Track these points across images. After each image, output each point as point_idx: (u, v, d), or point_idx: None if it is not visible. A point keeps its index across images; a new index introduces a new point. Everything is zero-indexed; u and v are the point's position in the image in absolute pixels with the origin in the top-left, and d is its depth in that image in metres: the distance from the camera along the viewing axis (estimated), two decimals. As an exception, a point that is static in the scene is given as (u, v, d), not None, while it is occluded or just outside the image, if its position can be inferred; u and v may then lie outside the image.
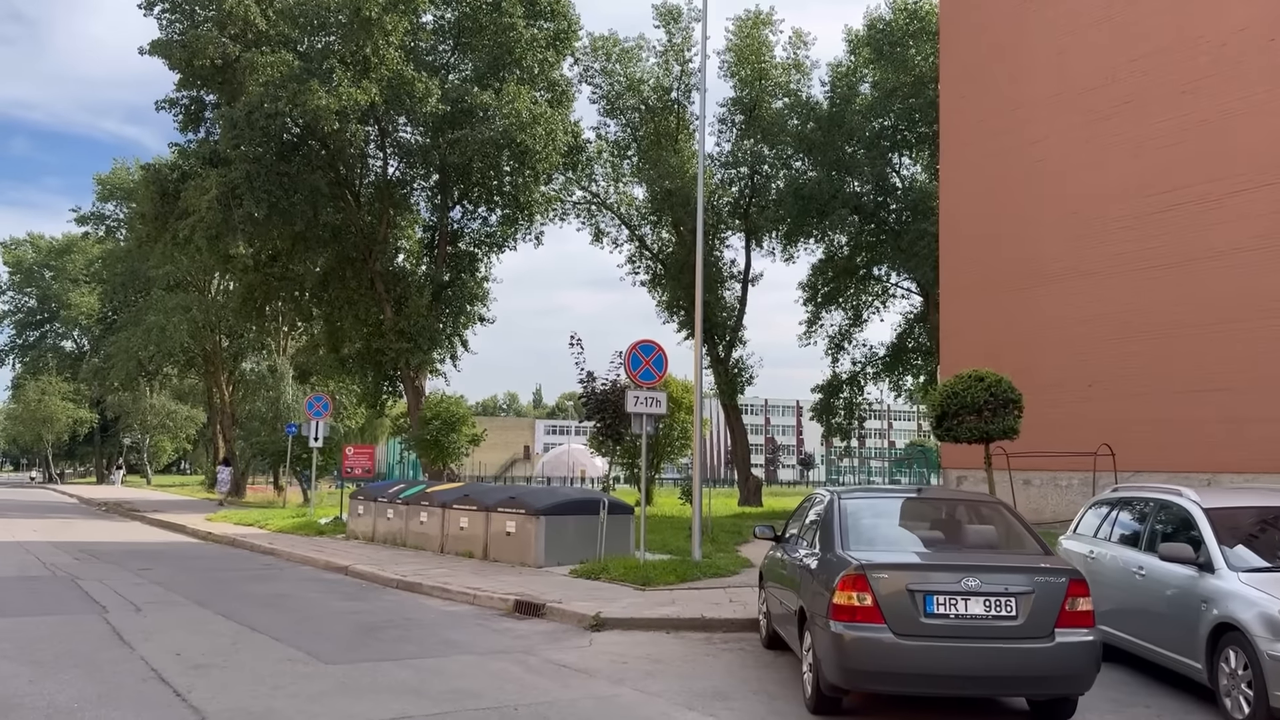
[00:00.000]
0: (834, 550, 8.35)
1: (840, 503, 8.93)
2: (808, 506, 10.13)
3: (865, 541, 8.46)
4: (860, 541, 8.42)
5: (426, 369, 36.41)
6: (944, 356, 28.16)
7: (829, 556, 8.34)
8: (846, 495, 9.17)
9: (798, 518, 10.50)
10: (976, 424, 15.54)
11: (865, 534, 8.62)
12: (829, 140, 37.84)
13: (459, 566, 17.20)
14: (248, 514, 29.29)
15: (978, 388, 15.69)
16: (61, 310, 61.75)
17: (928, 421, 45.83)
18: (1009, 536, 8.67)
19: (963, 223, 27.63)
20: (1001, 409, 15.46)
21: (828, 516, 8.85)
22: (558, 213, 40.00)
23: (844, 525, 8.58)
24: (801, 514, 10.28)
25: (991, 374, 16.02)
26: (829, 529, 8.67)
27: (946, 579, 7.70)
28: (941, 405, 16.16)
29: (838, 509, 8.82)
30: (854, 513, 8.84)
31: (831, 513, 8.82)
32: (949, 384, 16.33)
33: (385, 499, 21.48)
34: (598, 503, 16.56)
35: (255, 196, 30.91)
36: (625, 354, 15.44)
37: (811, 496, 10.41)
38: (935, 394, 16.59)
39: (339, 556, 18.84)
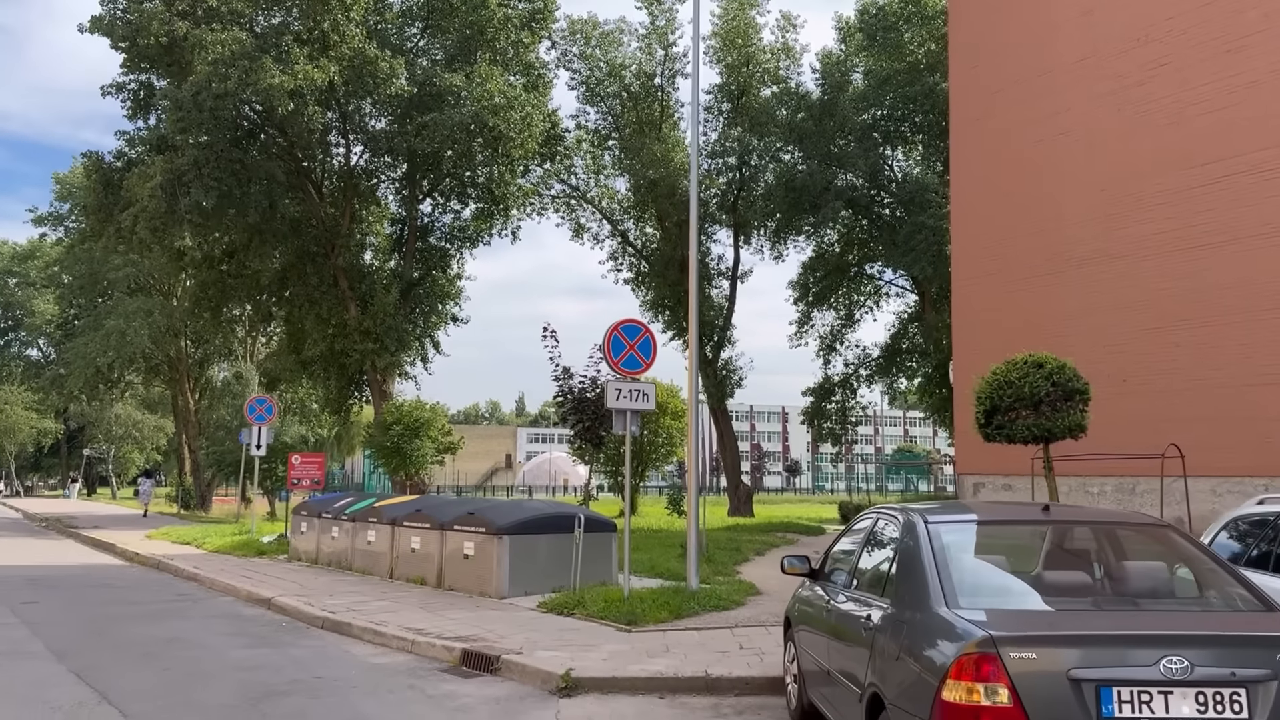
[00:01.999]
0: (932, 607, 5.08)
1: (931, 530, 5.64)
2: (866, 533, 6.84)
3: (980, 592, 5.20)
4: (972, 592, 5.16)
5: (394, 371, 33.03)
6: (957, 351, 24.97)
7: (925, 617, 5.08)
8: (936, 518, 5.87)
9: (848, 547, 7.25)
10: (1034, 420, 12.32)
11: (977, 580, 5.37)
12: (820, 130, 34.75)
13: (405, 597, 13.85)
14: (191, 531, 25.83)
15: (1036, 375, 12.45)
16: (25, 317, 58.00)
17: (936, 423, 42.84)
18: (1200, 579, 5.44)
19: (976, 205, 24.47)
20: (1064, 401, 12.26)
21: (913, 551, 5.57)
22: (535, 207, 36.80)
23: (943, 566, 5.31)
24: (856, 542, 7.00)
25: (1052, 358, 12.79)
26: (918, 571, 5.40)
27: (1134, 659, 4.48)
28: (991, 398, 12.92)
29: (928, 540, 5.54)
30: (955, 547, 5.56)
31: (919, 546, 5.54)
32: (1000, 371, 13.09)
33: (330, 515, 18.11)
34: (572, 519, 13.25)
35: (204, 185, 27.53)
36: (605, 336, 12.16)
37: (866, 519, 7.13)
38: (982, 384, 13.34)
39: (267, 584, 15.45)
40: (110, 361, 43.25)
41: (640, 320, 12.71)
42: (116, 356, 43.07)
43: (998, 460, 23.36)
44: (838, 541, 7.58)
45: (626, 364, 12.27)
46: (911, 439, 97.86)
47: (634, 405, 12.16)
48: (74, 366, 44.12)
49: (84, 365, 43.43)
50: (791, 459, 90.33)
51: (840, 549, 7.43)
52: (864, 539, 6.71)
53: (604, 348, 12.17)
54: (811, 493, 78.59)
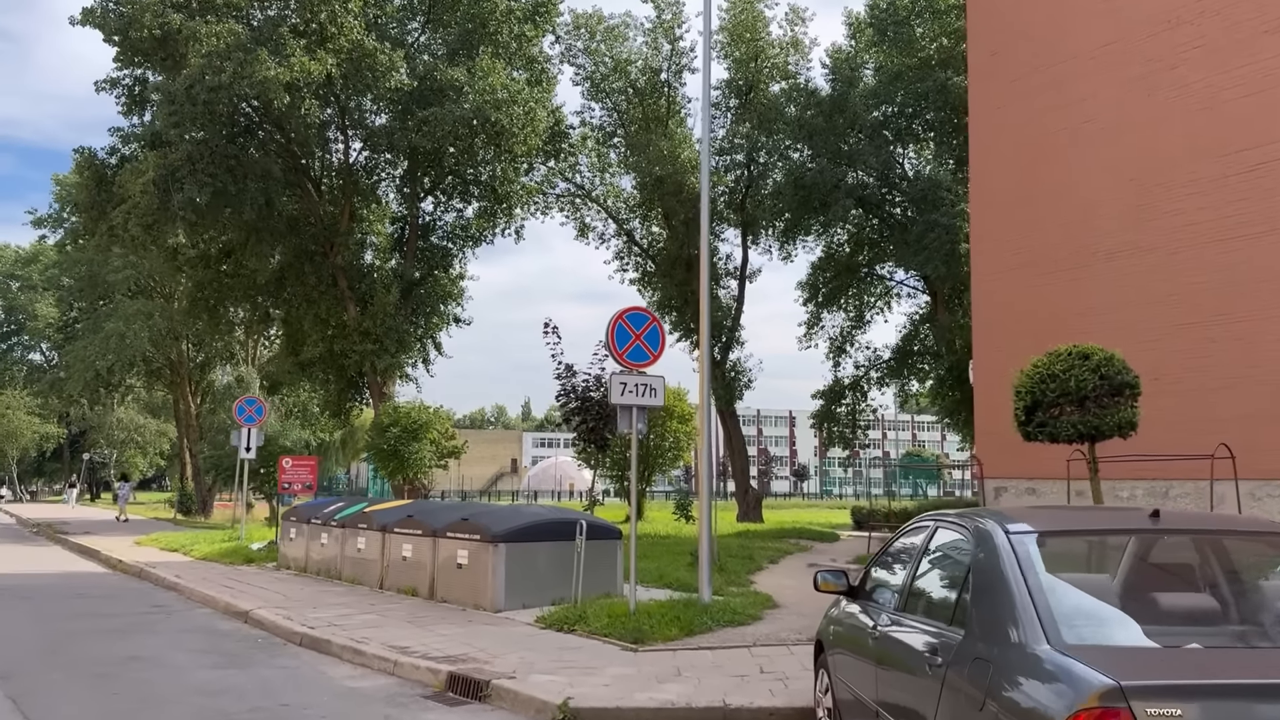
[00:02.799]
0: (1028, 643, 3.88)
1: (1015, 543, 4.42)
2: (921, 545, 5.59)
3: (1087, 623, 4.01)
4: (1077, 623, 3.96)
5: (395, 373, 31.86)
6: (977, 350, 23.75)
7: (1019, 656, 3.88)
8: (1017, 527, 4.64)
9: (896, 561, 6.06)
10: (1080, 417, 11.09)
11: (1081, 608, 4.16)
12: (830, 126, 33.57)
13: (393, 610, 12.67)
14: (181, 537, 24.67)
15: (1082, 368, 11.22)
16: (28, 321, 56.97)
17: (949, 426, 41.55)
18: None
19: (997, 198, 23.27)
20: (1111, 396, 11.05)
21: (993, 569, 4.36)
22: (539, 206, 35.60)
23: (1036, 589, 4.10)
24: (908, 557, 5.77)
25: (1098, 349, 11.56)
26: (1003, 595, 4.19)
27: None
28: (1032, 392, 11.69)
29: (1013, 555, 4.32)
30: (1047, 563, 4.34)
31: (1001, 563, 4.33)
32: (1042, 364, 11.86)
33: (319, 520, 16.95)
34: (573, 525, 12.06)
35: (198, 181, 26.42)
36: (609, 326, 10.97)
37: (918, 528, 5.89)
38: (1022, 378, 12.12)
39: (248, 595, 14.28)
40: (110, 365, 42.17)
41: (647, 308, 11.53)
42: (116, 360, 41.99)
43: (1022, 463, 22.12)
44: (882, 555, 6.37)
45: (632, 356, 11.09)
46: (919, 443, 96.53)
47: (641, 401, 10.98)
48: (73, 370, 43.06)
49: (83, 368, 42.37)
50: (799, 464, 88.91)
51: (886, 563, 6.23)
52: (919, 552, 5.50)
53: (608, 338, 11.00)
54: (819, 498, 77.26)
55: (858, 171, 34.25)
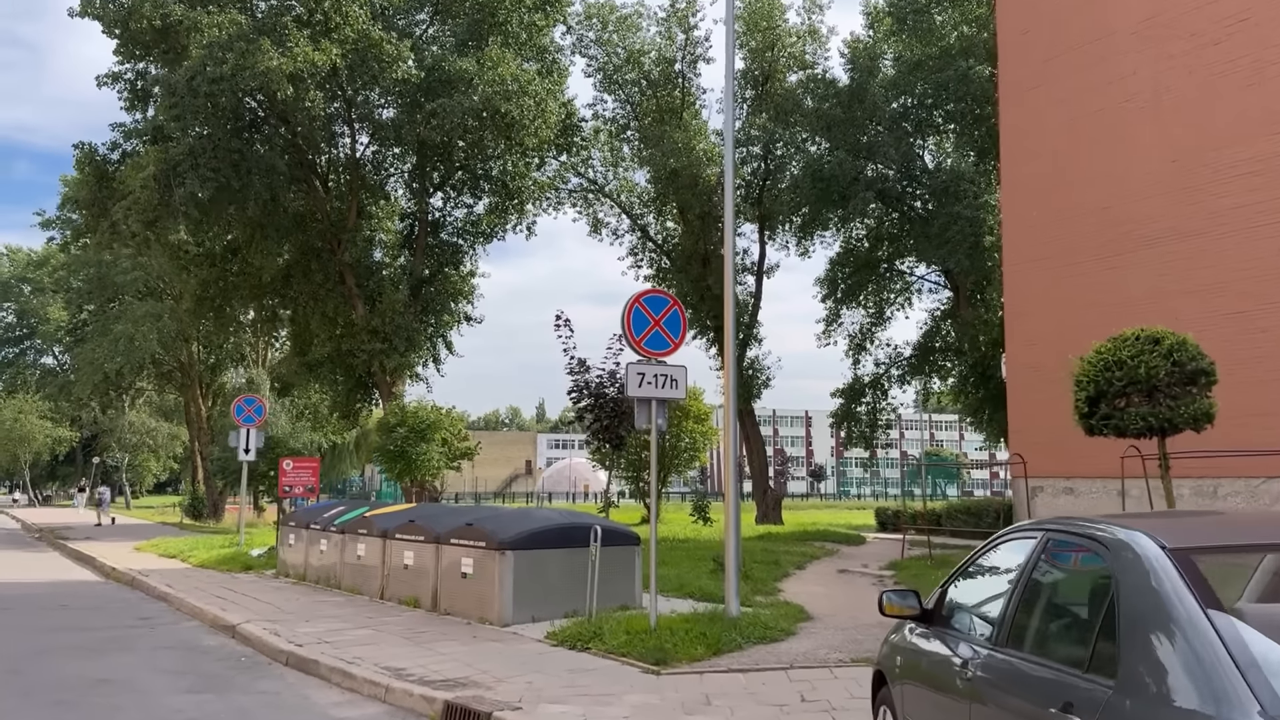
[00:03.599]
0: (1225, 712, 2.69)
1: (1184, 566, 3.21)
2: (1027, 564, 4.33)
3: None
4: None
5: (404, 373, 30.76)
6: (1009, 342, 22.51)
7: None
8: (1180, 541, 3.42)
9: (987, 581, 4.86)
10: (1150, 409, 9.87)
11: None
12: (849, 117, 32.34)
13: (392, 623, 11.54)
14: (181, 542, 23.61)
15: (1152, 354, 9.98)
16: (40, 325, 56.18)
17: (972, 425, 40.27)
18: None
19: (1029, 184, 22.04)
20: (1185, 385, 9.83)
21: (1157, 602, 3.15)
22: (551, 201, 34.50)
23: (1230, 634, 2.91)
24: (1007, 577, 4.55)
25: (1169, 333, 10.31)
26: (1175, 636, 2.99)
27: None
28: (1095, 381, 10.47)
29: (1183, 584, 3.12)
30: (1235, 596, 3.16)
31: (1167, 594, 3.12)
32: (1107, 350, 10.62)
33: (319, 525, 15.84)
34: (587, 530, 10.90)
35: (200, 176, 25.39)
36: (625, 310, 9.81)
37: (1018, 541, 4.65)
38: (1084, 365, 10.89)
39: (239, 607, 13.17)
40: (118, 367, 41.28)
41: (667, 291, 10.36)
42: (125, 362, 41.10)
43: (1058, 461, 20.85)
44: (963, 573, 5.17)
45: (651, 343, 9.94)
46: (938, 443, 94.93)
47: (661, 393, 9.82)
48: (81, 372, 42.19)
49: (91, 371, 41.51)
50: (816, 464, 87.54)
51: (971, 583, 5.04)
52: (1025, 572, 4.28)
53: (624, 324, 9.83)
54: (837, 498, 75.88)
55: (877, 164, 33.03)
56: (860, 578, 15.35)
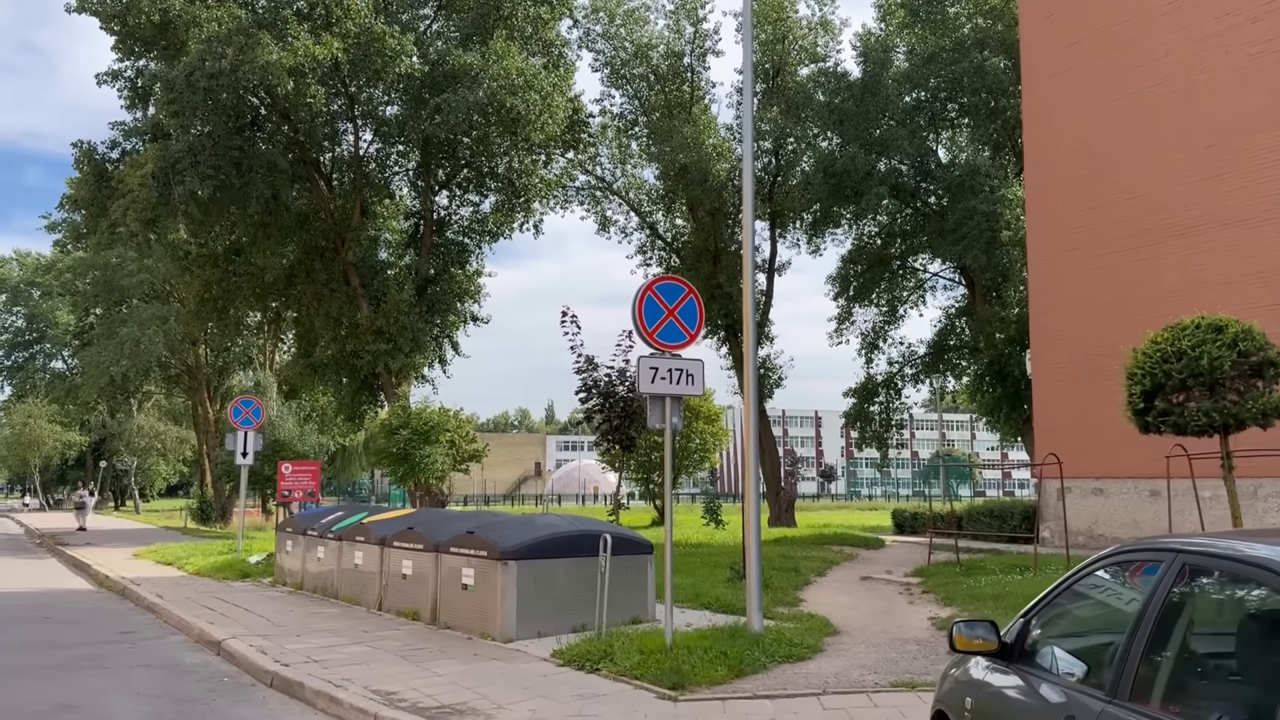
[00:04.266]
0: None
1: None
2: (1159, 595, 3.34)
3: None
4: None
5: (410, 374, 29.89)
6: (1035, 338, 21.54)
7: None
8: None
9: (1088, 613, 3.92)
10: (1213, 404, 8.89)
11: None
12: (862, 110, 31.34)
13: (388, 638, 10.62)
14: (180, 549, 22.71)
15: (1215, 344, 9.00)
16: (49, 330, 55.48)
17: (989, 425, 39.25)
18: None
19: (1054, 174, 21.07)
20: (1250, 378, 8.86)
21: None
22: (559, 200, 33.61)
23: None
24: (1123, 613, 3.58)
25: (1233, 320, 9.35)
26: None
27: None
28: (1151, 374, 9.51)
29: None
30: None
31: None
32: (1164, 339, 9.64)
33: (315, 532, 14.95)
34: (595, 539, 9.97)
35: (199, 173, 24.59)
36: (636, 300, 8.88)
37: (1138, 564, 3.70)
38: (1138, 356, 9.93)
39: (228, 620, 12.28)
40: (124, 370, 40.53)
41: (681, 279, 9.42)
42: (130, 365, 40.35)
43: (1087, 461, 19.84)
44: (1054, 602, 4.20)
45: (665, 335, 9.00)
46: (949, 443, 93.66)
47: (676, 389, 8.89)
48: (87, 375, 41.43)
49: (97, 374, 40.77)
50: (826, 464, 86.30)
51: (1065, 615, 4.09)
52: (1150, 606, 3.31)
53: (634, 314, 8.89)
54: (848, 499, 74.78)
55: (891, 158, 32.05)
56: (885, 585, 14.39)
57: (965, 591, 12.54)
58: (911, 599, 12.99)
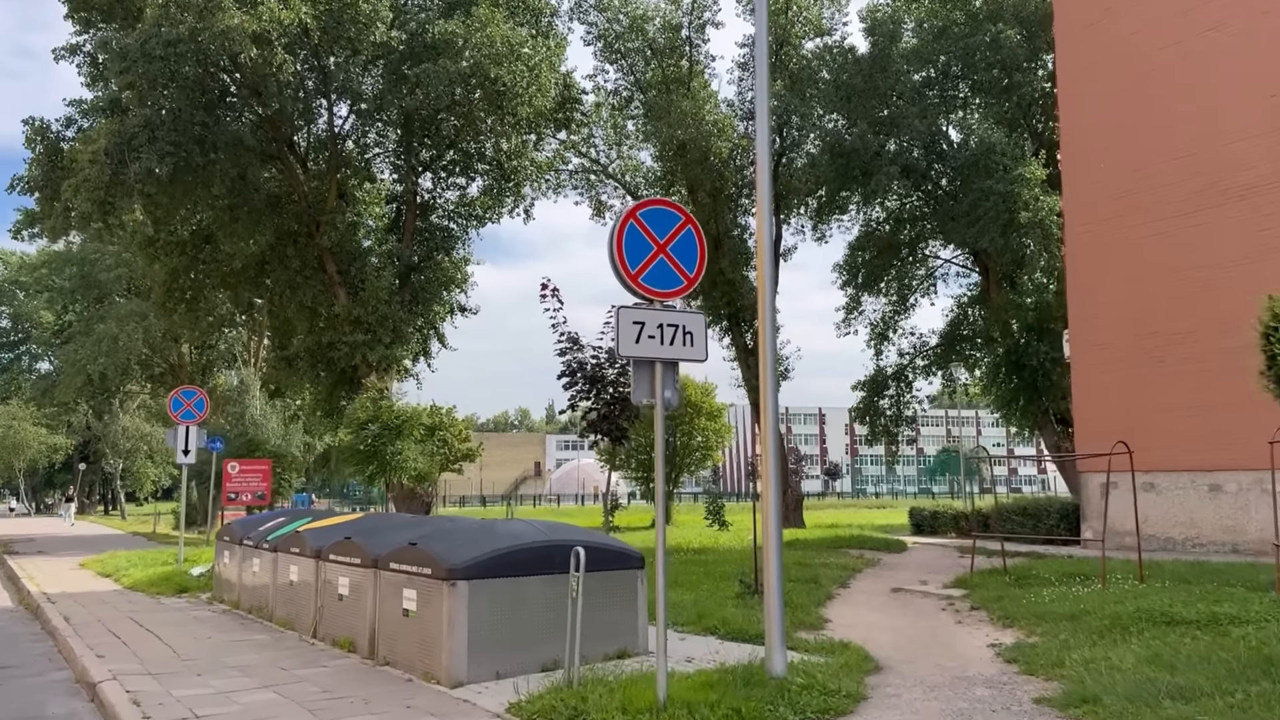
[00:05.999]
0: None
1: None
2: None
3: None
4: None
5: (393, 367, 27.46)
6: (1073, 318, 19.06)
7: None
8: None
9: None
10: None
11: None
12: (870, 87, 28.93)
13: (305, 683, 8.18)
14: (124, 558, 20.21)
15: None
16: (34, 330, 53.05)
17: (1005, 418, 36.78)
18: None
19: (1092, 133, 18.61)
20: None
21: None
22: (551, 184, 31.20)
23: None
24: None
25: None
26: None
27: None
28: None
29: None
30: None
31: None
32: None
33: (251, 541, 12.52)
34: (567, 552, 7.49)
35: (157, 150, 22.19)
36: (614, 232, 6.39)
37: None
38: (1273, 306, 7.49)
39: (125, 651, 9.84)
40: (102, 369, 38.14)
41: (676, 203, 6.94)
42: (108, 363, 37.97)
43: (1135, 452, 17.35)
44: None
45: (654, 279, 6.57)
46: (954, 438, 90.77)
47: (668, 351, 6.46)
48: (64, 375, 39.06)
49: (73, 373, 38.38)
50: (831, 462, 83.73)
51: None
52: None
53: (612, 252, 6.43)
54: (854, 497, 72.29)
55: (901, 138, 29.62)
56: (923, 600, 11.94)
57: (1026, 609, 10.10)
58: (959, 618, 10.54)
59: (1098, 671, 7.20)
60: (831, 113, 30.05)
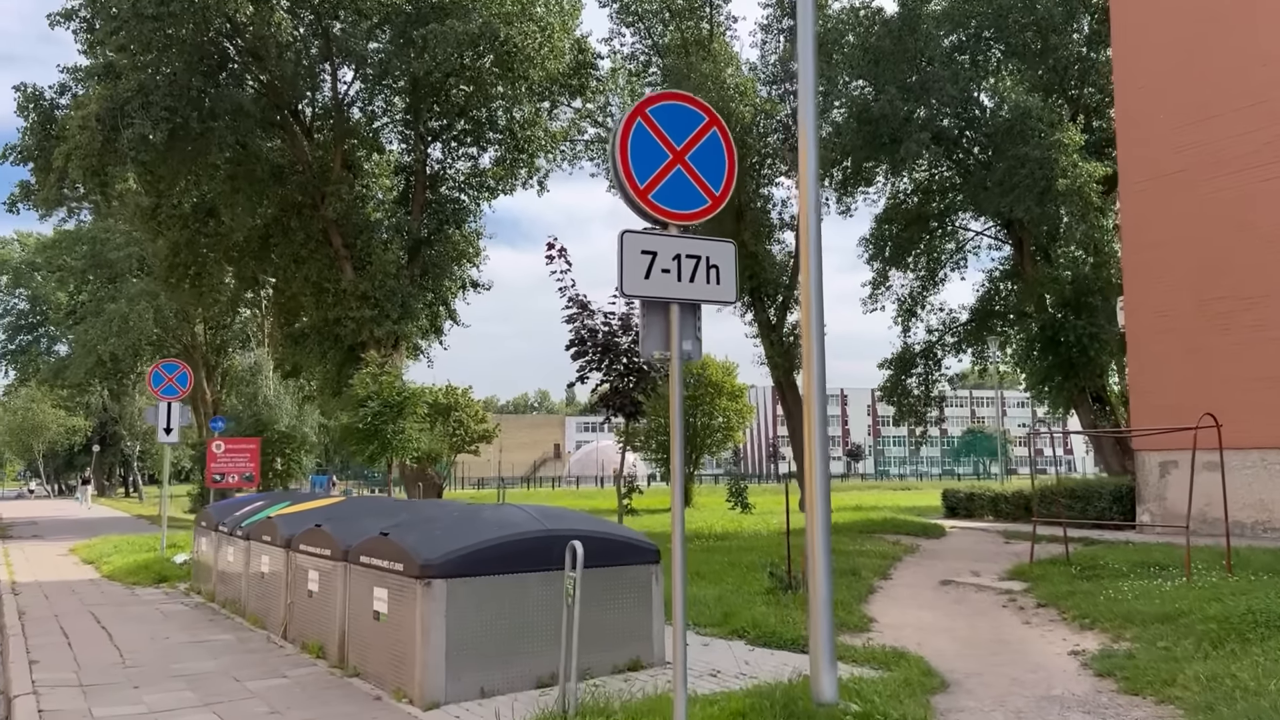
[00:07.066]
0: None
1: None
2: None
3: None
4: None
5: (403, 343, 26.08)
6: (1129, 284, 17.36)
7: None
8: None
9: None
10: None
11: None
12: (899, 49, 27.16)
13: (256, 700, 6.75)
14: (114, 543, 18.95)
15: None
16: (52, 312, 52.01)
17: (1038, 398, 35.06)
18: None
19: (1152, 77, 16.85)
20: None
21: None
22: (565, 155, 29.68)
23: None
24: None
25: None
26: None
27: None
28: None
29: None
30: None
31: None
32: None
33: (226, 528, 11.14)
34: (563, 544, 5.99)
35: (151, 116, 20.83)
36: (617, 137, 4.88)
37: None
38: None
39: (63, 654, 8.46)
40: (112, 349, 36.98)
41: (696, 99, 5.39)
42: (120, 343, 36.79)
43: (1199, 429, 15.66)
44: None
45: (667, 196, 5.06)
46: (979, 419, 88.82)
47: (687, 291, 4.96)
48: (75, 356, 37.95)
49: (84, 354, 37.26)
50: (853, 443, 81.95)
51: None
52: None
53: (615, 161, 4.94)
54: (876, 479, 70.62)
55: (931, 103, 27.87)
56: (978, 595, 10.38)
57: (1106, 607, 8.54)
58: (1025, 617, 9.00)
59: (1227, 693, 5.67)
60: (858, 78, 28.37)
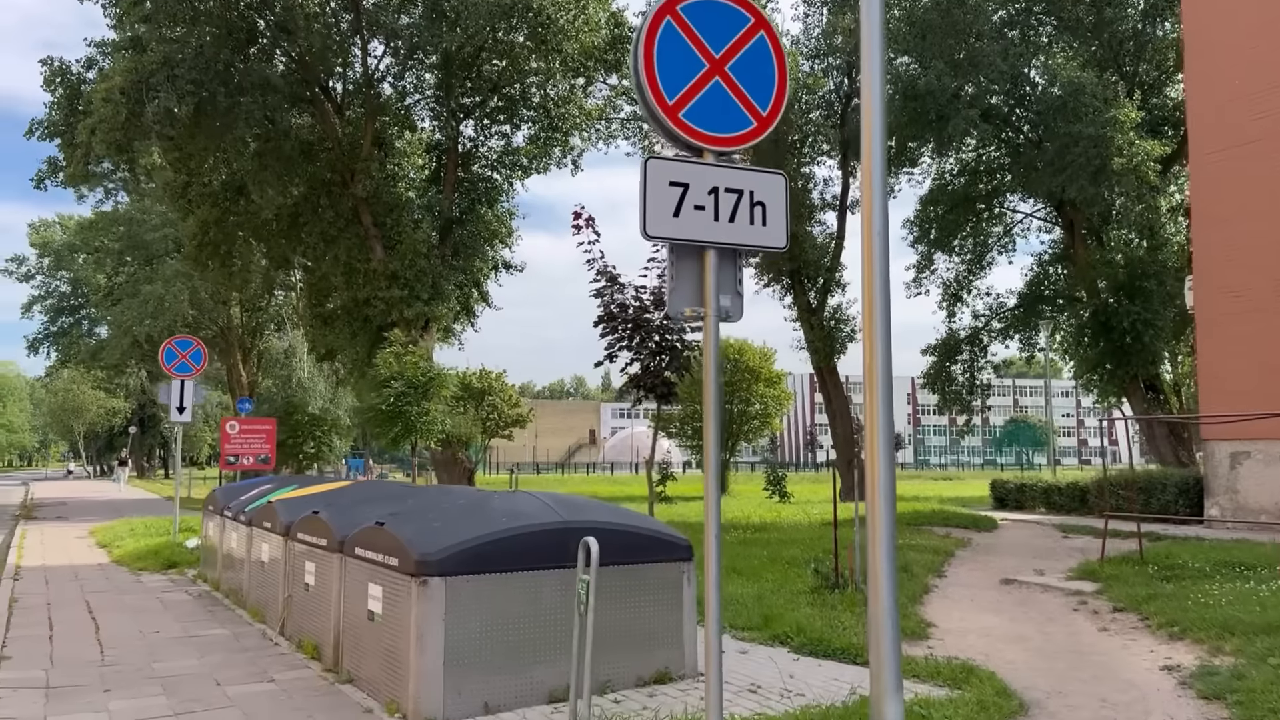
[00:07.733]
0: None
1: None
2: None
3: None
4: None
5: (432, 325, 25.33)
6: (1199, 258, 16.12)
7: None
8: None
9: None
10: None
11: None
12: (948, 24, 25.91)
13: (234, 710, 5.93)
14: (130, 526, 18.30)
15: None
16: (93, 294, 52.06)
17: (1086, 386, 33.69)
18: None
19: (1226, 41, 15.56)
20: None
21: None
22: (601, 134, 28.70)
23: None
24: None
25: None
26: None
27: None
28: None
29: None
30: None
31: None
32: None
33: (230, 512, 10.38)
34: (579, 537, 5.09)
35: (177, 89, 20.17)
36: (641, 40, 3.98)
37: None
38: None
39: (41, 648, 7.72)
40: (148, 331, 36.64)
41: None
42: (155, 325, 36.44)
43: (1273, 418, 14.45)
44: None
45: (702, 114, 4.11)
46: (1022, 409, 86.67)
47: (725, 234, 4.01)
48: (111, 337, 37.69)
49: (120, 335, 36.99)
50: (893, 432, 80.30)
51: None
52: None
53: (637, 70, 4.02)
54: (917, 469, 69.17)
55: (981, 80, 26.59)
56: (1045, 596, 9.35)
57: (1197, 614, 7.49)
58: (1102, 623, 7.97)
59: (1375, 732, 4.63)
60: (904, 54, 27.15)
